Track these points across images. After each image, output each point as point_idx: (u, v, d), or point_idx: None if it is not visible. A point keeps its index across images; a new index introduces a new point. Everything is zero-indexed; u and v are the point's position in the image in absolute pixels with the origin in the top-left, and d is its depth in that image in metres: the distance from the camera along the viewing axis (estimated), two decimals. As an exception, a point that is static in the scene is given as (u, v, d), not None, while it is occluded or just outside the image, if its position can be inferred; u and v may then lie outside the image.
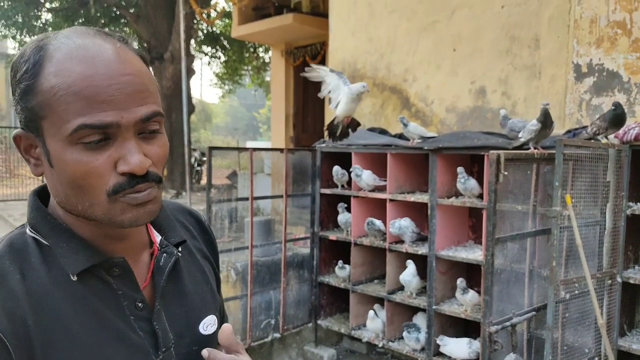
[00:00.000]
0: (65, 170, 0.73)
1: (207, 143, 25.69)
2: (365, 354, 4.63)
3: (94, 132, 0.71)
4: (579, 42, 3.59)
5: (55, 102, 0.71)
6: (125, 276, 0.81)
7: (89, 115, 0.70)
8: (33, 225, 0.79)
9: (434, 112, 4.50)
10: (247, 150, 4.29)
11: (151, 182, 0.76)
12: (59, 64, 0.72)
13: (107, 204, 0.74)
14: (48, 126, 0.73)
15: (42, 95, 0.72)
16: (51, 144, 0.73)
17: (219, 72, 16.34)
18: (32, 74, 0.73)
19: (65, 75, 0.71)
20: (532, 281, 2.96)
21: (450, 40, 4.36)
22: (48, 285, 0.74)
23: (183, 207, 1.04)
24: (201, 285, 0.94)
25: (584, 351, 2.72)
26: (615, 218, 2.76)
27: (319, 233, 4.49)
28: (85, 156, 0.72)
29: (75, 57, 0.72)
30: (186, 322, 0.88)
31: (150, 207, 0.78)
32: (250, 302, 4.16)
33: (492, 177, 2.58)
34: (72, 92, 0.70)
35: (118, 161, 0.73)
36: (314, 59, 7.45)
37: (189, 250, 0.95)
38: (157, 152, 0.78)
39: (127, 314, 0.80)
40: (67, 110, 0.71)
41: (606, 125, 2.74)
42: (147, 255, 0.88)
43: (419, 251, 3.75)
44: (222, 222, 5.09)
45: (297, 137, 8.03)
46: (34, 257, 0.76)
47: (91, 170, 0.72)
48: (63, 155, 0.73)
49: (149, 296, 0.85)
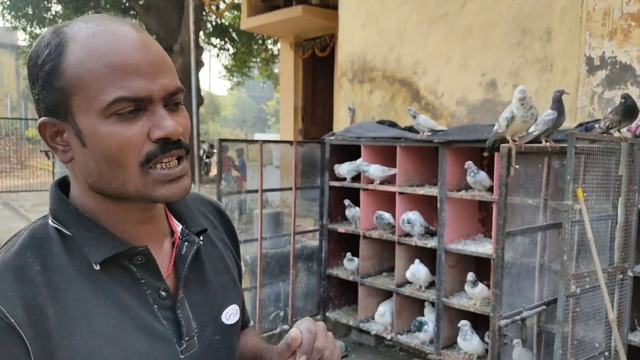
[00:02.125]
0: (100, 144, 0.74)
1: (215, 135, 25.75)
2: (373, 346, 4.64)
3: (129, 104, 0.72)
4: (592, 34, 3.55)
5: (86, 75, 0.72)
6: (148, 265, 0.81)
7: (123, 87, 0.71)
8: (55, 215, 0.79)
9: (444, 105, 4.48)
10: (256, 143, 4.30)
11: (182, 149, 0.78)
12: (83, 40, 0.73)
13: (140, 177, 0.75)
14: (79, 102, 0.73)
15: (70, 71, 0.73)
16: (83, 120, 0.74)
17: (228, 64, 16.34)
18: (56, 54, 0.73)
19: (93, 49, 0.72)
20: (543, 275, 2.95)
21: (461, 33, 4.32)
22: (70, 275, 0.75)
23: (203, 197, 1.04)
24: (223, 275, 0.94)
25: (594, 346, 2.71)
26: (627, 212, 2.74)
27: (328, 225, 4.50)
28: (120, 128, 0.73)
29: (98, 34, 0.74)
30: (209, 311, 0.88)
31: (184, 182, 0.79)
32: (260, 294, 4.18)
33: (502, 170, 2.57)
34: (103, 65, 0.72)
35: (151, 129, 0.75)
36: (323, 52, 7.43)
37: (210, 240, 0.95)
38: (184, 124, 0.80)
39: (151, 303, 0.80)
40: (100, 82, 0.72)
41: (619, 119, 2.72)
42: (169, 245, 0.88)
43: (428, 244, 3.74)
44: (231, 214, 5.11)
45: (306, 129, 8.03)
46: (57, 247, 0.76)
47: (126, 141, 0.73)
48: (97, 129, 0.73)
49: (172, 285, 0.84)
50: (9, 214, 10.46)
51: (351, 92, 5.28)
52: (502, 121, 2.75)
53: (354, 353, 4.52)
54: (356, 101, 5.23)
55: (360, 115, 5.17)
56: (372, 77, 5.06)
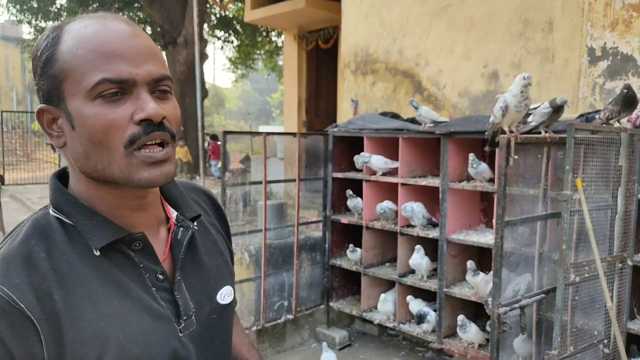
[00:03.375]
0: (86, 125, 0.78)
1: (220, 128, 25.77)
2: (376, 335, 4.70)
3: (113, 86, 0.77)
4: (593, 25, 3.56)
5: (74, 60, 0.77)
6: (146, 250, 0.85)
7: (107, 70, 0.76)
8: (56, 205, 0.84)
9: (446, 97, 4.50)
10: (260, 135, 4.34)
11: (166, 132, 0.81)
12: (75, 32, 0.79)
13: (123, 158, 0.78)
14: (69, 87, 0.78)
15: (62, 58, 0.78)
16: (72, 103, 0.79)
17: (232, 57, 16.35)
18: (52, 44, 0.79)
19: (82, 37, 0.78)
20: (542, 264, 2.98)
21: (463, 24, 4.33)
22: (73, 261, 0.79)
23: (194, 185, 1.09)
24: (216, 258, 0.99)
25: (593, 334, 2.74)
26: (627, 202, 2.76)
27: (331, 216, 4.54)
28: (105, 109, 0.77)
29: (89, 25, 0.80)
30: (205, 292, 0.93)
31: (166, 167, 0.82)
32: (264, 284, 4.23)
33: (502, 160, 2.60)
34: (90, 49, 0.77)
35: (134, 112, 0.78)
36: (326, 44, 7.44)
37: (203, 225, 1.00)
38: (171, 110, 0.83)
39: (149, 285, 0.85)
40: (86, 66, 0.77)
41: (619, 109, 2.74)
42: (164, 231, 0.93)
43: (430, 234, 3.78)
44: (236, 206, 5.16)
45: (310, 121, 8.05)
46: (59, 236, 0.80)
47: (110, 122, 0.77)
48: (84, 111, 0.78)
49: (168, 268, 0.89)
50: (16, 206, 10.56)
51: (354, 84, 5.30)
52: (497, 111, 2.77)
53: (357, 342, 4.58)
54: (359, 93, 5.26)
55: (363, 107, 5.19)
56: (375, 69, 5.08)
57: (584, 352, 2.66)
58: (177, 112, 0.85)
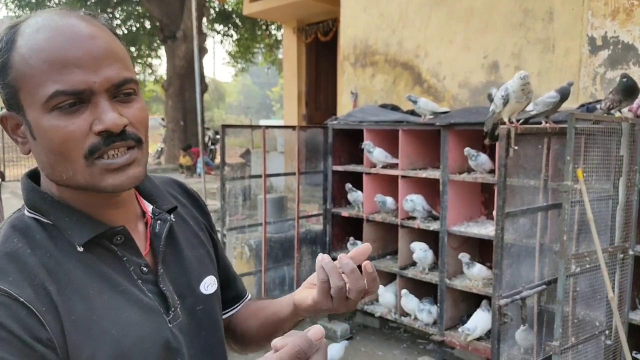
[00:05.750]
0: (45, 138, 0.75)
1: (220, 122, 25.74)
2: (378, 328, 4.69)
3: (68, 97, 0.73)
4: (594, 14, 3.53)
5: (27, 70, 0.74)
6: (128, 243, 0.85)
7: (61, 81, 0.72)
8: (31, 205, 0.82)
9: (446, 88, 4.47)
10: (260, 128, 4.32)
11: (129, 140, 0.78)
12: (28, 36, 0.75)
13: (85, 168, 0.76)
14: (25, 97, 0.75)
15: (16, 67, 0.75)
16: (30, 114, 0.76)
17: (232, 51, 16.30)
18: (6, 49, 0.76)
19: (34, 44, 0.74)
20: (543, 255, 2.97)
21: (463, 14, 4.30)
22: (58, 258, 0.77)
23: (169, 179, 1.08)
24: (198, 249, 0.99)
25: (595, 325, 2.73)
26: (628, 192, 2.74)
27: (332, 210, 4.53)
28: (62, 121, 0.74)
29: (42, 28, 0.75)
30: (188, 284, 0.93)
31: (131, 171, 0.80)
32: (265, 278, 4.22)
33: (502, 151, 2.58)
34: (41, 59, 0.73)
35: (93, 122, 0.75)
36: (325, 36, 7.40)
37: (181, 218, 0.99)
38: (135, 114, 0.80)
39: (135, 278, 0.84)
40: (39, 77, 0.73)
41: (619, 98, 2.71)
42: (142, 225, 0.92)
43: (431, 227, 3.77)
44: (235, 200, 5.15)
45: (310, 114, 8.03)
46: (39, 235, 0.79)
47: (68, 135, 0.74)
48: (41, 123, 0.75)
49: (151, 262, 0.88)
50: (16, 202, 10.56)
51: (354, 77, 5.28)
52: (497, 100, 2.75)
53: (359, 335, 4.57)
54: (358, 85, 5.23)
55: (362, 100, 5.17)
56: (374, 60, 5.05)
57: (586, 343, 2.65)
58: (143, 114, 0.81)
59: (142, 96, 0.83)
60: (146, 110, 0.84)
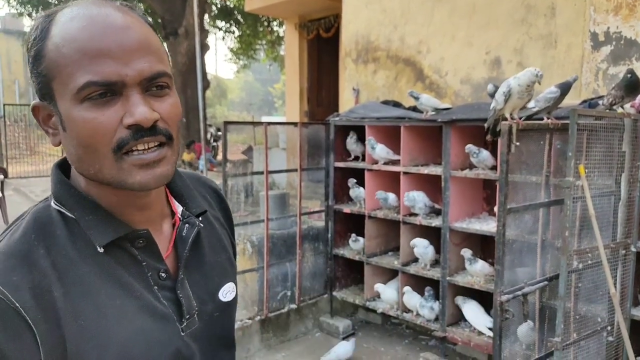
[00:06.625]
0: (75, 129, 0.74)
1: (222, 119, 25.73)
2: (380, 324, 4.70)
3: (99, 88, 0.72)
4: (596, 9, 3.51)
5: (61, 60, 0.73)
6: (149, 247, 0.82)
7: (92, 72, 0.71)
8: (58, 198, 0.80)
9: (448, 84, 4.46)
10: (261, 125, 4.32)
11: (159, 136, 0.76)
12: (62, 25, 0.74)
13: (114, 163, 0.75)
14: (57, 87, 0.74)
15: (49, 56, 0.74)
16: (62, 104, 0.75)
17: (234, 47, 16.28)
18: (40, 38, 0.75)
19: (68, 33, 0.73)
20: (545, 251, 2.97)
21: (465, 10, 4.29)
22: (74, 258, 0.76)
23: (199, 177, 1.05)
24: (220, 254, 0.97)
25: (597, 321, 2.73)
26: (631, 188, 2.74)
27: (333, 206, 4.53)
28: (92, 113, 0.73)
29: (76, 17, 0.74)
30: (207, 290, 0.91)
31: (160, 169, 0.77)
32: (267, 274, 4.23)
33: (504, 147, 2.58)
34: (74, 48, 0.72)
35: (124, 115, 0.74)
36: (327, 32, 7.38)
37: (208, 220, 0.97)
38: (167, 109, 0.78)
39: (151, 284, 0.82)
40: (71, 67, 0.72)
41: (622, 94, 2.70)
42: (169, 226, 0.90)
43: (433, 223, 3.77)
44: (238, 196, 5.15)
45: (312, 111, 8.02)
46: (60, 230, 0.77)
47: (97, 127, 0.73)
48: (72, 114, 0.74)
49: (171, 265, 0.86)
50: (19, 199, 10.58)
51: (355, 73, 5.27)
52: (499, 97, 2.74)
53: (361, 331, 4.59)
54: (360, 81, 5.23)
55: (364, 96, 5.16)
56: (376, 57, 5.04)
57: (588, 339, 2.65)
58: (176, 110, 0.79)
59: (175, 91, 0.81)
60: (179, 106, 0.82)
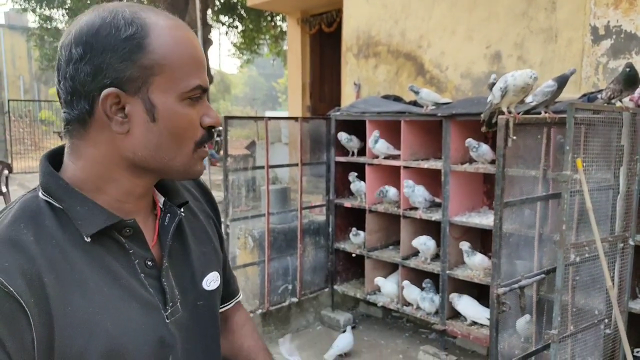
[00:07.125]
0: (172, 120, 0.83)
1: (226, 114, 25.76)
2: (380, 318, 4.73)
3: (200, 92, 0.85)
4: (597, 3, 3.51)
5: (175, 60, 0.82)
6: (136, 236, 0.86)
7: (200, 78, 0.85)
8: (46, 188, 0.82)
9: (448, 79, 4.47)
10: (262, 120, 4.34)
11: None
12: (167, 29, 0.83)
13: (191, 154, 0.87)
14: (161, 82, 0.82)
15: (158, 53, 0.81)
16: (161, 98, 0.82)
17: (237, 42, 16.26)
18: (143, 33, 0.80)
19: (179, 39, 0.83)
20: (543, 245, 2.98)
21: (466, 5, 4.29)
22: (63, 246, 0.78)
23: None
24: (205, 244, 1.00)
25: (594, 314, 2.75)
26: (629, 182, 2.74)
27: (334, 200, 4.55)
28: (190, 110, 0.85)
29: (176, 27, 0.84)
30: (191, 279, 0.94)
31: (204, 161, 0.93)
32: (268, 268, 4.26)
33: (500, 141, 2.59)
34: (188, 55, 0.84)
35: (202, 117, 0.87)
36: (329, 27, 7.37)
37: (192, 212, 1.01)
38: None
39: (138, 272, 0.85)
40: (186, 69, 0.83)
41: (620, 88, 2.70)
42: (152, 217, 0.94)
43: (433, 217, 3.78)
44: (239, 191, 5.18)
45: (314, 106, 8.02)
46: (48, 220, 0.79)
47: (192, 122, 0.86)
48: (174, 108, 0.83)
49: (157, 255, 0.90)
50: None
51: (357, 67, 5.28)
52: (496, 92, 2.74)
53: (362, 325, 4.61)
54: (361, 76, 5.23)
55: (365, 90, 5.17)
56: (377, 51, 5.05)
57: (585, 331, 2.67)
58: None
59: None
60: None
